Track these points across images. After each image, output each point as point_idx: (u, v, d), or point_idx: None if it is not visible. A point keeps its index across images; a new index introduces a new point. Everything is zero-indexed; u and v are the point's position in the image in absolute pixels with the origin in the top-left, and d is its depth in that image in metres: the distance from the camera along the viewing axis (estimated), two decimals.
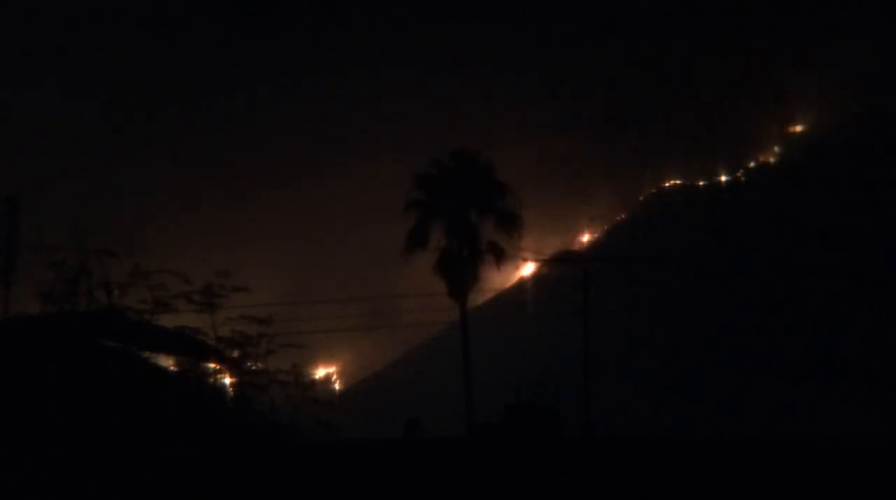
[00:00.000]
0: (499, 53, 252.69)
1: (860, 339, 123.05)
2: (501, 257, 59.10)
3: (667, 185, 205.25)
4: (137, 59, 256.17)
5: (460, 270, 58.60)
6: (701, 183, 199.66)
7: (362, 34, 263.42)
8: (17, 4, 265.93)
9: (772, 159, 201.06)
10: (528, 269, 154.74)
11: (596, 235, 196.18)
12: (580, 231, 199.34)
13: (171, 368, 18.88)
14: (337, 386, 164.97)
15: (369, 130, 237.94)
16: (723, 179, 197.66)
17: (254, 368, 19.17)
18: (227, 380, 19.21)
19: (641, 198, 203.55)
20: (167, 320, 18.90)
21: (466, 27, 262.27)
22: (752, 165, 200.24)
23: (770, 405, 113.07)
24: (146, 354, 18.60)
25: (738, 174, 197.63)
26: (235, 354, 19.15)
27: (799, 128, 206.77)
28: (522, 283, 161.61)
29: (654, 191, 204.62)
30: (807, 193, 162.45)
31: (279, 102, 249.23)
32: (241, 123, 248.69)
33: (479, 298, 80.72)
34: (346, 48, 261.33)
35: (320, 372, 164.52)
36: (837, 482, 28.05)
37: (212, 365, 19.01)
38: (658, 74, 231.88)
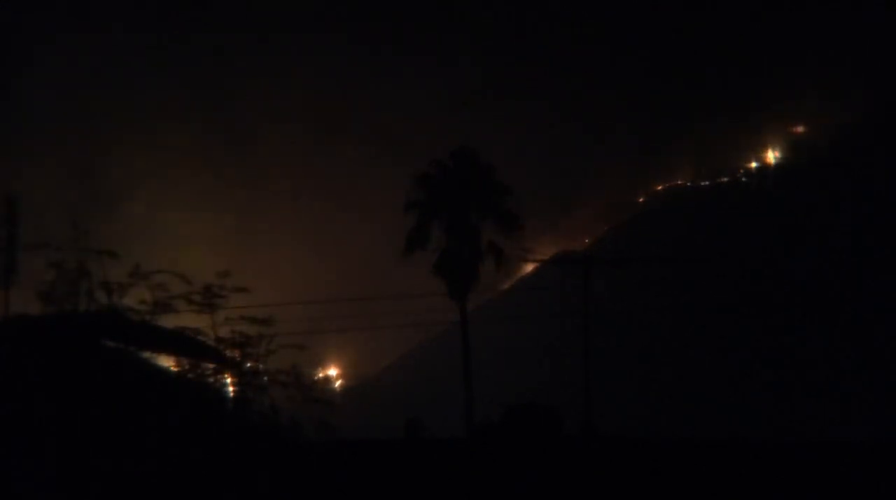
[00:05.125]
0: (500, 53, 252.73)
1: (861, 339, 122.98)
2: (501, 257, 59.13)
3: (668, 185, 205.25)
4: (136, 58, 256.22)
5: (460, 270, 58.62)
6: (702, 183, 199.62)
7: (361, 33, 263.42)
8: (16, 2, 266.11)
9: (773, 160, 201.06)
10: (528, 269, 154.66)
11: (597, 236, 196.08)
12: (581, 231, 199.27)
13: (172, 368, 18.90)
14: (337, 387, 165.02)
15: (369, 130, 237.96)
16: (724, 179, 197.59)
17: (254, 368, 19.18)
18: (228, 380, 19.22)
19: (643, 198, 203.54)
20: (167, 321, 18.90)
21: (467, 27, 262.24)
22: (753, 165, 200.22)
23: (770, 406, 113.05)
24: (146, 354, 18.61)
25: (739, 174, 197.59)
26: (236, 354, 19.16)
27: (800, 128, 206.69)
28: (522, 283, 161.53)
29: (655, 191, 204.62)
30: (807, 194, 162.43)
31: (278, 101, 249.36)
32: (239, 122, 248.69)
33: (479, 298, 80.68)
34: (344, 47, 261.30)
35: (321, 373, 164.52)
36: (837, 483, 28.05)
37: (212, 366, 19.02)
38: (659, 74, 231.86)
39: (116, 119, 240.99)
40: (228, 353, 19.05)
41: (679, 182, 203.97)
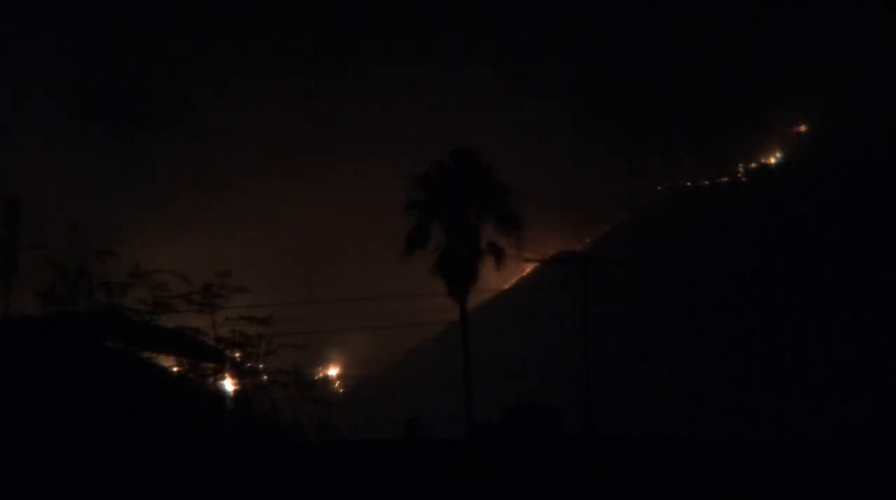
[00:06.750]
0: (499, 53, 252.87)
1: (861, 340, 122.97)
2: (501, 257, 59.15)
3: (668, 185, 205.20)
4: (135, 56, 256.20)
5: (460, 270, 58.64)
6: (702, 183, 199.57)
7: (361, 32, 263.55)
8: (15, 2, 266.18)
9: (773, 160, 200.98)
10: (528, 269, 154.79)
11: (597, 236, 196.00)
12: (581, 231, 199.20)
13: (172, 368, 18.90)
14: (337, 386, 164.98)
15: (370, 130, 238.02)
16: (724, 179, 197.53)
17: (254, 368, 19.18)
18: (228, 380, 19.21)
19: (643, 199, 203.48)
20: (167, 321, 18.89)
21: (467, 27, 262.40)
22: (752, 165, 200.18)
23: (770, 406, 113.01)
24: (146, 354, 18.61)
25: (739, 174, 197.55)
26: (236, 354, 19.15)
27: (801, 128, 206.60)
28: (522, 283, 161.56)
29: (655, 191, 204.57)
30: (807, 194, 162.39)
31: (278, 100, 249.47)
32: (240, 122, 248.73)
33: (479, 298, 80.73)
34: (344, 47, 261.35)
35: (321, 373, 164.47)
36: (837, 483, 28.05)
37: (212, 366, 19.01)
38: (660, 75, 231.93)
39: (114, 129, 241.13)
40: (228, 353, 19.05)
41: (679, 182, 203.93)
